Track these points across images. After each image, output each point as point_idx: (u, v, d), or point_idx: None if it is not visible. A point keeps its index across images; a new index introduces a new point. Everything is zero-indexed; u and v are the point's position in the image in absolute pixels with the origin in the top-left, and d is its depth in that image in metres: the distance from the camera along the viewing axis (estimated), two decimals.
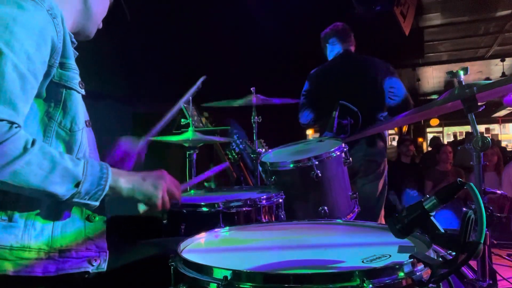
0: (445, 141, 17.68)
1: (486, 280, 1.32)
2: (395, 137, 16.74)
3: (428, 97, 16.33)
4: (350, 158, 2.25)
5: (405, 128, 15.13)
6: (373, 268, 0.93)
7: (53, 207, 1.17)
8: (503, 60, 10.90)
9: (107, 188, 1.14)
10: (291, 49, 3.57)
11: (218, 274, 0.93)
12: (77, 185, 1.09)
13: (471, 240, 0.86)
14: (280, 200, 1.92)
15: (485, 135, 1.83)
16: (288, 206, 2.01)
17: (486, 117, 19.24)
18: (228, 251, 1.27)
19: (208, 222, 1.73)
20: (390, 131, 17.19)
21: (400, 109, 3.18)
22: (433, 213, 0.95)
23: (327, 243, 1.29)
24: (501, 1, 6.81)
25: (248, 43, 4.34)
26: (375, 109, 3.16)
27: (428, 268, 0.91)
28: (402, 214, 0.97)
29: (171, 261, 1.05)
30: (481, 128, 20.11)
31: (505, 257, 1.86)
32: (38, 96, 1.13)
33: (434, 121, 18.74)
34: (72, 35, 1.25)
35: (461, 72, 1.41)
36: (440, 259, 0.96)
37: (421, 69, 12.01)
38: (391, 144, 16.10)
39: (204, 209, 1.76)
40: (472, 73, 12.24)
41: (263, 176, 2.33)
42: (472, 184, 0.91)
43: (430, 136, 17.96)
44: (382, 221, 3.16)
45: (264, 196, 1.86)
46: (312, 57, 3.57)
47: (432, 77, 13.44)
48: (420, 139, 16.87)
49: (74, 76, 1.21)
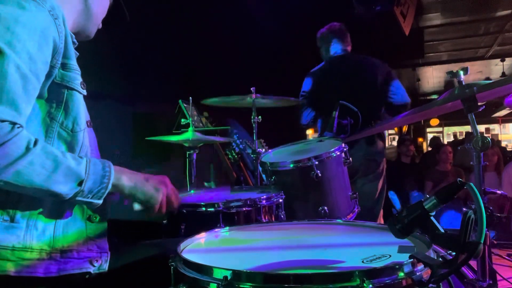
0: (445, 141, 17.68)
1: (486, 280, 1.32)
2: (395, 137, 16.74)
3: (428, 97, 16.32)
4: (350, 158, 2.25)
5: (405, 128, 15.13)
6: (373, 268, 0.93)
7: (55, 207, 1.17)
8: (503, 60, 10.90)
9: (110, 186, 1.14)
10: (291, 49, 3.57)
11: (218, 274, 0.93)
12: (80, 183, 1.09)
13: (471, 240, 0.86)
14: (280, 200, 1.92)
15: (485, 135, 1.83)
16: (288, 206, 2.00)
17: (486, 117, 19.23)
18: (228, 251, 1.27)
19: (208, 222, 1.73)
20: (390, 131, 17.20)
21: (400, 108, 3.22)
22: (433, 213, 0.95)
23: (327, 243, 1.29)
24: (501, 1, 6.81)
25: (248, 43, 4.34)
26: (375, 109, 3.16)
27: (428, 268, 0.91)
28: (402, 214, 0.97)
29: (171, 261, 1.05)
30: (481, 128, 20.10)
31: (505, 257, 1.86)
32: (39, 96, 1.13)
33: (434, 121, 18.73)
34: (73, 35, 1.25)
35: (461, 72, 1.41)
36: (440, 259, 0.96)
37: (421, 69, 12.01)
38: (391, 144, 16.10)
39: (204, 209, 1.76)
40: (472, 73, 12.23)
41: (263, 176, 2.32)
42: (472, 184, 0.91)
43: (430, 136, 17.96)
44: (381, 221, 3.17)
45: (264, 196, 1.86)
46: (312, 57, 3.57)
47: (432, 77, 13.43)
48: (420, 139, 16.87)
49: (75, 76, 1.21)
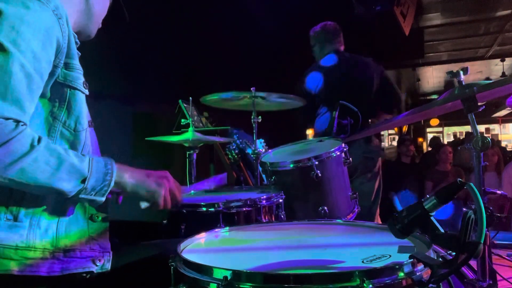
0: (445, 141, 17.68)
1: (486, 280, 1.32)
2: (395, 137, 16.74)
3: (428, 97, 16.33)
4: (350, 158, 2.25)
5: (405, 128, 15.12)
6: (373, 268, 0.93)
7: (58, 206, 1.17)
8: (503, 60, 10.91)
9: (113, 183, 1.15)
10: (291, 49, 3.57)
11: (218, 274, 0.93)
12: (83, 181, 1.10)
13: (471, 240, 0.86)
14: (280, 200, 1.92)
15: (485, 135, 1.83)
16: (288, 206, 2.01)
17: (486, 117, 19.24)
18: (228, 251, 1.27)
19: (208, 222, 1.73)
20: (390, 131, 17.20)
21: (393, 104, 3.30)
22: (433, 213, 0.95)
23: (327, 243, 1.29)
24: (501, 1, 6.81)
25: (248, 43, 4.34)
26: (371, 107, 3.18)
27: (428, 268, 0.91)
28: (402, 214, 0.97)
29: (171, 261, 1.05)
30: (481, 128, 20.11)
31: (505, 257, 1.86)
32: (42, 96, 1.14)
33: (434, 121, 18.74)
34: (76, 35, 1.25)
35: (461, 72, 1.41)
36: (440, 259, 0.96)
37: (421, 69, 12.01)
38: (391, 144, 16.12)
39: (204, 209, 1.76)
40: (472, 73, 12.22)
41: (263, 176, 2.32)
42: (472, 184, 0.91)
43: (430, 136, 17.96)
44: (377, 220, 3.18)
45: (264, 196, 1.86)
46: (312, 57, 3.57)
47: (432, 77, 13.44)
48: (420, 139, 16.87)
49: (78, 76, 1.21)
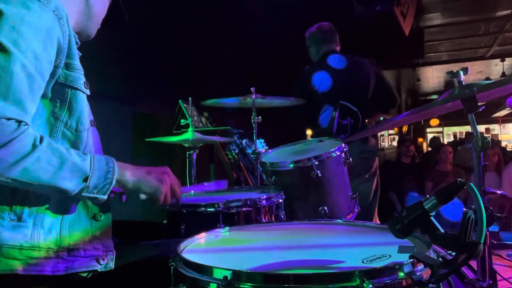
0: (445, 141, 17.68)
1: (486, 280, 1.32)
2: (395, 137, 16.73)
3: (428, 97, 16.34)
4: (350, 158, 2.25)
5: (405, 128, 15.13)
6: (373, 268, 0.93)
7: (61, 205, 1.18)
8: (503, 60, 10.90)
9: (114, 181, 1.16)
10: (291, 49, 3.58)
11: (218, 274, 0.93)
12: (85, 179, 1.10)
13: (471, 240, 0.86)
14: (280, 200, 1.92)
15: (485, 135, 1.83)
16: (288, 206, 2.01)
17: (486, 117, 19.25)
18: (228, 251, 1.27)
19: (208, 222, 1.73)
20: (390, 131, 17.18)
21: (388, 104, 3.34)
22: (433, 213, 0.95)
23: (327, 243, 1.29)
24: (501, 1, 6.81)
25: (248, 43, 4.34)
26: (368, 107, 3.18)
27: (428, 268, 0.90)
28: (402, 214, 0.97)
29: (171, 261, 1.05)
30: (481, 128, 20.12)
31: (505, 257, 1.85)
32: (43, 96, 1.14)
33: (434, 121, 18.75)
34: (76, 35, 1.26)
35: (461, 72, 1.41)
36: (440, 259, 0.96)
37: (421, 69, 12.01)
38: (391, 144, 16.11)
39: (204, 209, 1.76)
40: (472, 73, 12.23)
41: (263, 176, 2.32)
42: (472, 184, 0.91)
43: (430, 136, 17.97)
44: (376, 220, 3.19)
45: (264, 196, 1.86)
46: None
47: (432, 77, 13.44)
48: (420, 139, 16.87)
49: (79, 76, 1.22)
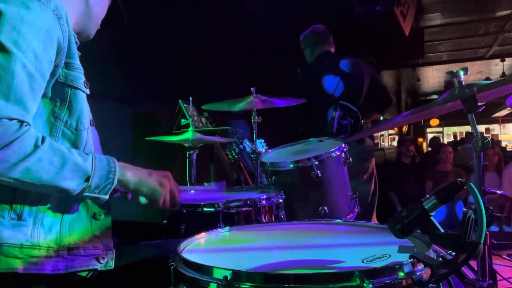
0: (445, 141, 17.67)
1: (486, 280, 1.32)
2: (395, 137, 16.74)
3: (428, 97, 16.35)
4: (350, 158, 2.25)
5: (405, 128, 15.14)
6: (373, 268, 0.93)
7: (61, 204, 1.18)
8: (503, 60, 10.91)
9: (116, 181, 1.16)
10: (291, 49, 3.58)
11: (218, 274, 0.93)
12: (87, 179, 1.11)
13: (471, 240, 0.86)
14: (280, 200, 1.92)
15: (485, 135, 1.83)
16: (288, 206, 2.00)
17: (486, 117, 19.27)
18: (228, 251, 1.27)
19: (208, 222, 1.73)
20: (390, 131, 17.21)
21: (383, 104, 3.38)
22: (433, 213, 0.95)
23: (327, 243, 1.29)
24: (501, 1, 6.81)
25: (248, 43, 4.34)
26: (364, 108, 3.19)
27: (428, 268, 0.91)
28: (402, 214, 0.97)
29: (171, 261, 1.06)
30: (481, 128, 20.15)
31: (505, 257, 1.86)
32: (43, 96, 1.15)
33: (434, 121, 18.76)
34: (76, 35, 1.26)
35: (461, 72, 1.41)
36: (440, 259, 0.96)
37: (421, 69, 12.02)
38: (391, 144, 16.12)
39: (204, 209, 1.76)
40: (472, 73, 12.23)
41: (263, 176, 2.32)
42: (472, 184, 0.91)
43: (430, 136, 17.96)
44: (374, 221, 3.19)
45: (264, 196, 1.86)
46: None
47: (432, 77, 13.44)
48: (420, 139, 16.87)
49: (79, 75, 1.22)
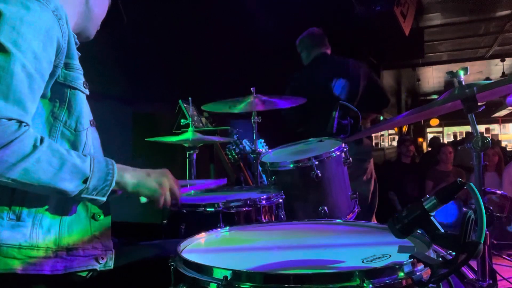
0: (445, 141, 17.67)
1: (486, 280, 1.32)
2: (395, 137, 16.74)
3: (428, 97, 16.34)
4: (350, 158, 2.24)
5: (405, 128, 15.13)
6: (373, 268, 0.93)
7: (60, 205, 1.18)
8: (503, 60, 10.90)
9: (114, 183, 1.16)
10: (291, 49, 3.58)
11: (218, 274, 0.93)
12: (85, 181, 1.11)
13: (471, 240, 0.86)
14: (280, 200, 1.92)
15: (485, 135, 1.83)
16: (288, 206, 2.00)
17: (486, 117, 19.27)
18: (228, 251, 1.27)
19: (208, 222, 1.73)
20: (390, 131, 17.20)
21: (380, 104, 3.42)
22: (433, 213, 0.95)
23: (327, 243, 1.29)
24: (501, 1, 6.81)
25: (248, 43, 4.34)
26: (360, 108, 3.20)
27: (428, 268, 0.91)
28: (402, 214, 0.97)
29: (171, 261, 1.06)
30: (481, 128, 20.16)
31: (505, 257, 1.85)
32: (43, 96, 1.15)
33: (434, 121, 18.75)
34: (75, 35, 1.26)
35: (461, 72, 1.41)
36: (440, 259, 0.96)
37: (421, 69, 12.02)
38: (391, 144, 16.12)
39: (204, 209, 1.76)
40: (472, 73, 12.24)
41: (263, 176, 2.32)
42: (472, 184, 0.91)
43: (430, 136, 17.96)
44: (374, 221, 3.19)
45: (264, 196, 1.86)
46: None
47: (432, 77, 13.44)
48: (420, 139, 16.86)
49: (78, 76, 1.22)
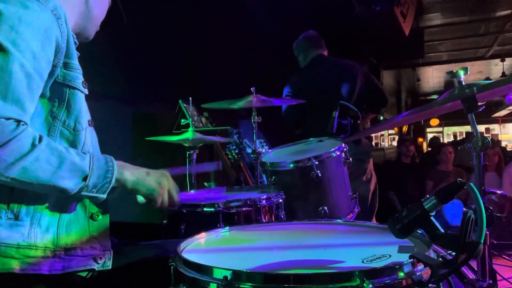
0: (445, 141, 17.67)
1: (486, 280, 1.32)
2: (395, 137, 16.74)
3: (428, 97, 16.35)
4: (350, 158, 2.24)
5: (405, 128, 15.14)
6: (373, 268, 0.93)
7: (58, 205, 1.18)
8: (503, 60, 10.90)
9: (113, 180, 1.16)
10: (291, 49, 3.59)
11: (218, 274, 0.93)
12: (84, 178, 1.10)
13: (471, 240, 0.86)
14: (280, 200, 1.92)
15: (485, 135, 1.83)
16: (288, 206, 2.00)
17: (486, 117, 19.27)
18: (228, 251, 1.27)
19: (208, 222, 1.73)
20: (390, 131, 17.21)
21: (378, 104, 3.45)
22: (433, 213, 0.95)
23: (327, 243, 1.29)
24: (501, 1, 6.81)
25: (248, 43, 4.34)
26: (359, 108, 3.21)
27: (428, 268, 0.91)
28: (402, 214, 0.97)
29: (171, 261, 1.06)
30: (481, 128, 20.16)
31: (505, 257, 1.85)
32: (42, 95, 1.15)
33: (434, 121, 18.76)
34: (75, 35, 1.26)
35: (461, 72, 1.41)
36: (440, 259, 0.96)
37: (421, 69, 12.02)
38: (391, 144, 16.12)
39: (204, 209, 1.76)
40: (472, 73, 12.24)
41: (263, 176, 2.32)
42: (472, 184, 0.91)
43: (430, 136, 17.96)
44: (374, 221, 3.19)
45: (264, 196, 1.86)
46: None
47: (432, 77, 13.44)
48: (420, 139, 16.86)
49: (77, 76, 1.22)
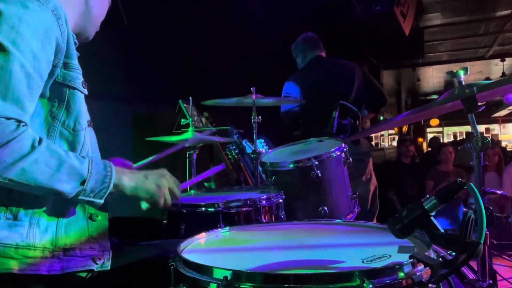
0: (445, 141, 17.67)
1: (486, 280, 1.32)
2: (395, 137, 16.74)
3: (428, 97, 16.35)
4: (350, 158, 2.25)
5: (405, 128, 15.14)
6: (373, 268, 0.93)
7: (57, 206, 1.18)
8: (503, 60, 10.91)
9: (111, 186, 1.15)
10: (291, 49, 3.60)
11: (218, 274, 0.93)
12: (82, 183, 1.10)
13: (471, 240, 0.86)
14: (280, 200, 1.92)
15: (485, 135, 1.83)
16: (288, 206, 2.00)
17: (486, 117, 19.28)
18: (228, 251, 1.27)
19: (208, 222, 1.73)
20: (390, 131, 17.20)
21: (378, 104, 3.45)
22: (433, 213, 0.95)
23: (327, 243, 1.29)
24: (501, 1, 6.81)
25: (248, 43, 4.34)
26: (358, 108, 3.21)
27: (428, 268, 0.91)
28: (402, 214, 0.97)
29: (171, 261, 1.06)
30: (481, 128, 20.17)
31: (505, 257, 1.85)
32: (41, 95, 1.14)
33: (434, 121, 18.77)
34: (75, 35, 1.26)
35: (461, 72, 1.41)
36: (440, 259, 0.96)
37: (421, 69, 12.03)
38: (391, 144, 16.12)
39: (204, 209, 1.76)
40: (472, 73, 12.24)
41: (263, 176, 2.32)
42: (472, 184, 0.91)
43: (430, 136, 17.96)
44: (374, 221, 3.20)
45: (264, 196, 1.86)
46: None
47: (432, 77, 13.44)
48: (420, 139, 16.87)
49: (77, 76, 1.22)
